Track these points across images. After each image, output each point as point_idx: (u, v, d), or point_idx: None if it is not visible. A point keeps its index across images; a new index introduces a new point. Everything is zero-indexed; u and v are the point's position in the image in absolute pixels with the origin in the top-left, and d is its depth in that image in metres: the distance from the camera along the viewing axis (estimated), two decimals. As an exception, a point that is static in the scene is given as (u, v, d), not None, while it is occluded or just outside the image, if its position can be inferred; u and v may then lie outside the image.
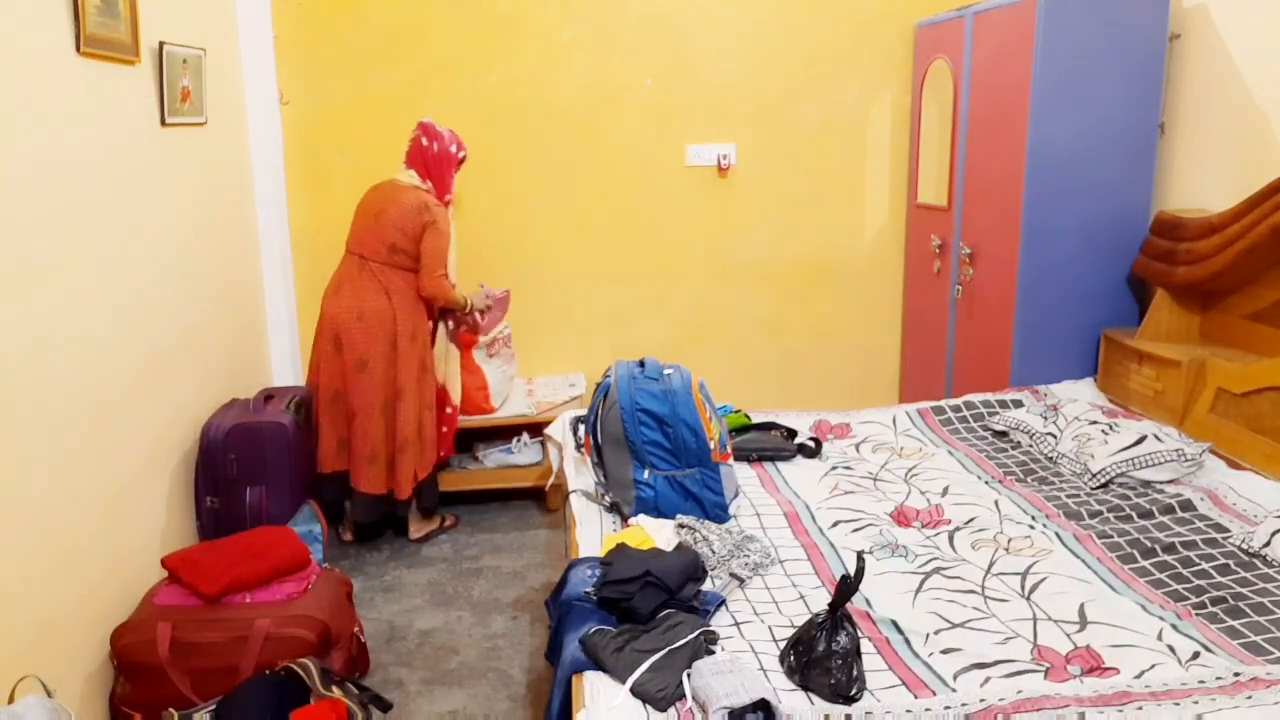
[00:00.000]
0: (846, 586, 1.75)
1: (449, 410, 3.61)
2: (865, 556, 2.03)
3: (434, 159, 3.42)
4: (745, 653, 1.82)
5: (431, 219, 3.31)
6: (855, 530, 2.38)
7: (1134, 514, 2.42)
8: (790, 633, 1.84)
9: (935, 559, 2.21)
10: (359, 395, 3.31)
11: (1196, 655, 1.80)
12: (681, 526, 2.28)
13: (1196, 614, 1.96)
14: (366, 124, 3.96)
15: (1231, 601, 1.99)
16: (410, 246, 3.31)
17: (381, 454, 3.34)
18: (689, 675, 1.66)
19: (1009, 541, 2.30)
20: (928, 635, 1.89)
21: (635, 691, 1.66)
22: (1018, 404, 3.20)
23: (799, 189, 4.23)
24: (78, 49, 2.31)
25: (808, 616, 1.84)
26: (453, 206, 3.50)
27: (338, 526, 3.53)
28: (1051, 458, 2.82)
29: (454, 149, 3.47)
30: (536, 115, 4.04)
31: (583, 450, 2.62)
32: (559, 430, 3.06)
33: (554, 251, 4.17)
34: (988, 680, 1.74)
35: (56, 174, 2.23)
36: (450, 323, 3.63)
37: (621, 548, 2.08)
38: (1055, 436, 2.87)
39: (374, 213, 3.34)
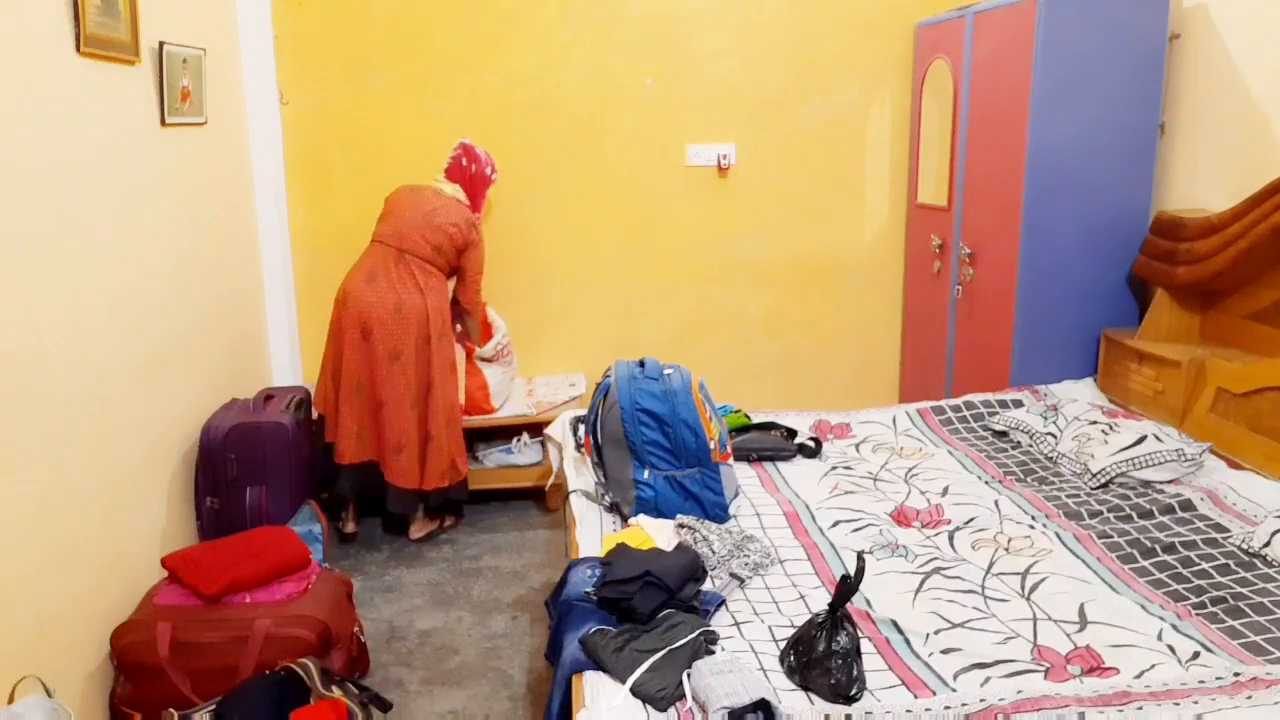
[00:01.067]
0: (846, 586, 1.75)
1: None
2: (865, 556, 2.03)
3: (470, 179, 3.60)
4: (745, 653, 1.81)
5: (478, 237, 3.53)
6: (855, 530, 2.38)
7: (1134, 514, 2.42)
8: (790, 633, 1.84)
9: (935, 559, 2.21)
10: (390, 387, 3.33)
11: (1196, 655, 1.80)
12: (681, 526, 2.28)
13: (1196, 614, 1.95)
14: (366, 124, 3.96)
15: (1231, 601, 1.99)
16: (452, 255, 3.47)
17: (412, 446, 3.37)
18: (689, 675, 1.66)
19: (1009, 541, 2.30)
20: (928, 635, 1.89)
21: (635, 691, 1.66)
22: (1018, 404, 3.20)
23: (799, 189, 4.23)
24: (78, 49, 2.31)
25: (808, 616, 1.84)
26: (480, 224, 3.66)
27: (338, 521, 3.53)
28: (1051, 458, 2.82)
29: (488, 171, 3.67)
30: (536, 115, 4.04)
31: (583, 450, 2.62)
32: (559, 430, 3.06)
33: (554, 251, 4.17)
34: (988, 680, 1.74)
35: (56, 174, 2.23)
36: (459, 325, 3.71)
37: (621, 548, 2.08)
38: (1055, 436, 2.87)
39: (423, 212, 3.43)
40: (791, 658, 1.76)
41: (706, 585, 2.05)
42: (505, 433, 3.92)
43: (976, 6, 3.53)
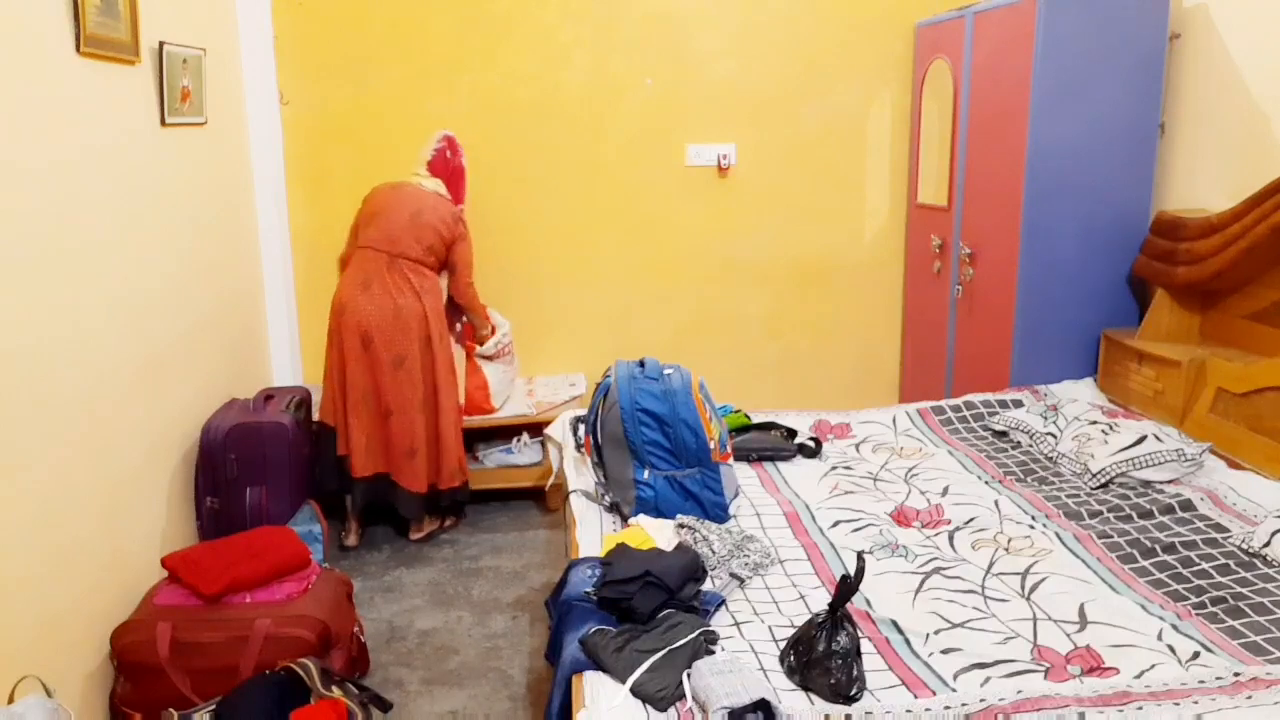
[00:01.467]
0: (846, 586, 1.75)
1: None
2: (865, 556, 2.03)
3: (452, 172, 3.61)
4: (745, 653, 1.81)
5: (464, 230, 3.52)
6: (855, 530, 2.38)
7: (1134, 514, 2.42)
8: (790, 633, 1.84)
9: (935, 559, 2.21)
10: (396, 393, 3.32)
11: (1196, 655, 1.80)
12: (681, 526, 2.28)
13: (1196, 614, 1.95)
14: (366, 124, 3.96)
15: (1231, 601, 1.99)
16: (441, 251, 3.46)
17: (422, 449, 3.37)
18: (689, 675, 1.66)
19: (1009, 541, 2.30)
20: (928, 635, 1.89)
21: (635, 691, 1.66)
22: (1018, 404, 3.20)
23: (799, 189, 4.23)
24: (78, 49, 2.31)
25: (808, 616, 1.84)
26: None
27: (339, 529, 3.53)
28: (1051, 458, 2.82)
29: (464, 160, 3.69)
30: (536, 115, 4.04)
31: (583, 450, 2.62)
32: (559, 430, 3.06)
33: (554, 251, 4.17)
34: (988, 680, 1.74)
35: (56, 174, 2.23)
36: (459, 325, 3.71)
37: (621, 548, 2.08)
38: (1055, 436, 2.87)
39: (408, 212, 3.40)
40: (791, 658, 1.76)
41: (706, 585, 2.05)
42: (505, 433, 3.92)
43: (976, 6, 3.54)
